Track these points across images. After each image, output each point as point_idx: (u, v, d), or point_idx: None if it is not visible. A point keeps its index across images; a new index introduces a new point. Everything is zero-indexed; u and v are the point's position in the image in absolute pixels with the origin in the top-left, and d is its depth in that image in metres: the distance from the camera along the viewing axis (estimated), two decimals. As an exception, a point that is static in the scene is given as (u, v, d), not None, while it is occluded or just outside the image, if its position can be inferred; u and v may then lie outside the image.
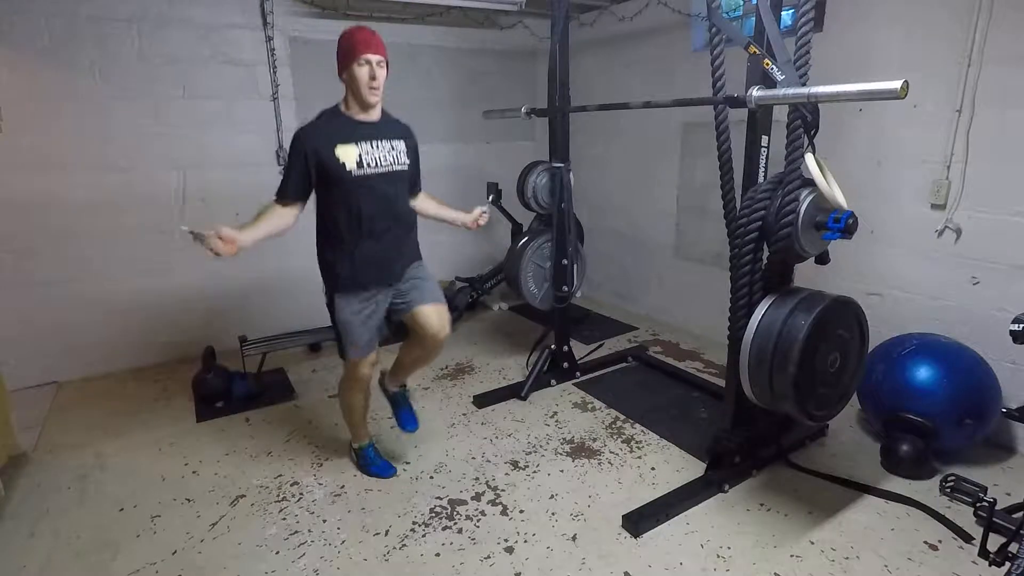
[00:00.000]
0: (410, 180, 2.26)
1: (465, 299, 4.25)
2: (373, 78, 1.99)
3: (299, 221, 2.12)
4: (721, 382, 2.99)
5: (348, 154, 2.02)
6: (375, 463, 2.45)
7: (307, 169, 2.02)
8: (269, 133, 3.66)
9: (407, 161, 2.18)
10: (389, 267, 2.20)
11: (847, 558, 1.94)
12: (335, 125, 2.06)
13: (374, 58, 1.98)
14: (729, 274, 2.17)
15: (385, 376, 2.54)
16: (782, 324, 1.96)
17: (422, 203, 2.40)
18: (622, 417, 2.89)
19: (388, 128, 2.15)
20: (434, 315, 2.22)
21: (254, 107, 3.59)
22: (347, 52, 1.99)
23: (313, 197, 2.13)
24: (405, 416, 2.50)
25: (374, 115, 2.10)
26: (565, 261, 3.13)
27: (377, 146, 2.09)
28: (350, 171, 2.02)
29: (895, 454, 2.35)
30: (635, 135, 4.22)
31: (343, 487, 2.37)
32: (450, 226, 2.52)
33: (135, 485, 2.40)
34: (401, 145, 2.16)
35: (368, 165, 2.06)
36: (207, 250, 1.84)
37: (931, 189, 2.61)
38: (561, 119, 3.02)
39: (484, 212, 2.48)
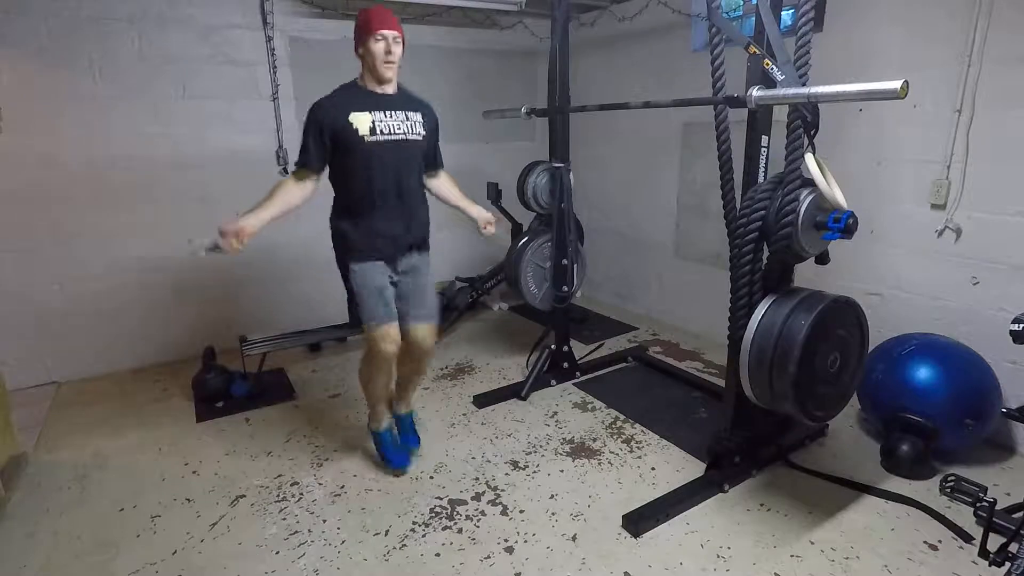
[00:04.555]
0: (427, 154, 2.29)
1: (465, 299, 4.24)
2: (388, 52, 2.04)
3: (300, 212, 2.14)
4: (721, 382, 2.98)
5: (362, 120, 2.07)
6: (391, 451, 2.47)
7: (323, 138, 2.07)
8: (269, 133, 3.66)
9: (422, 132, 2.21)
10: (400, 237, 2.22)
11: (847, 558, 1.94)
12: (351, 95, 2.12)
13: (390, 34, 2.03)
14: (729, 274, 2.17)
15: (391, 399, 2.56)
16: (782, 324, 1.96)
17: (443, 184, 2.43)
18: (622, 417, 2.89)
19: (404, 101, 2.19)
20: (421, 329, 2.29)
21: (254, 107, 3.59)
22: (364, 28, 2.04)
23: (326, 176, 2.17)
24: (408, 438, 2.55)
25: (389, 89, 2.15)
26: (565, 261, 3.13)
27: (391, 115, 2.13)
28: (363, 136, 2.06)
29: (895, 454, 2.35)
30: (635, 135, 4.22)
31: (343, 487, 2.37)
32: (453, 223, 2.54)
33: (135, 485, 2.40)
34: (417, 116, 2.20)
35: (381, 132, 2.09)
36: (225, 252, 1.89)
37: (931, 189, 2.61)
38: (561, 119, 3.02)
39: (493, 224, 2.49)
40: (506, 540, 2.06)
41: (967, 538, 1.98)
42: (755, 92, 1.94)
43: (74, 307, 3.33)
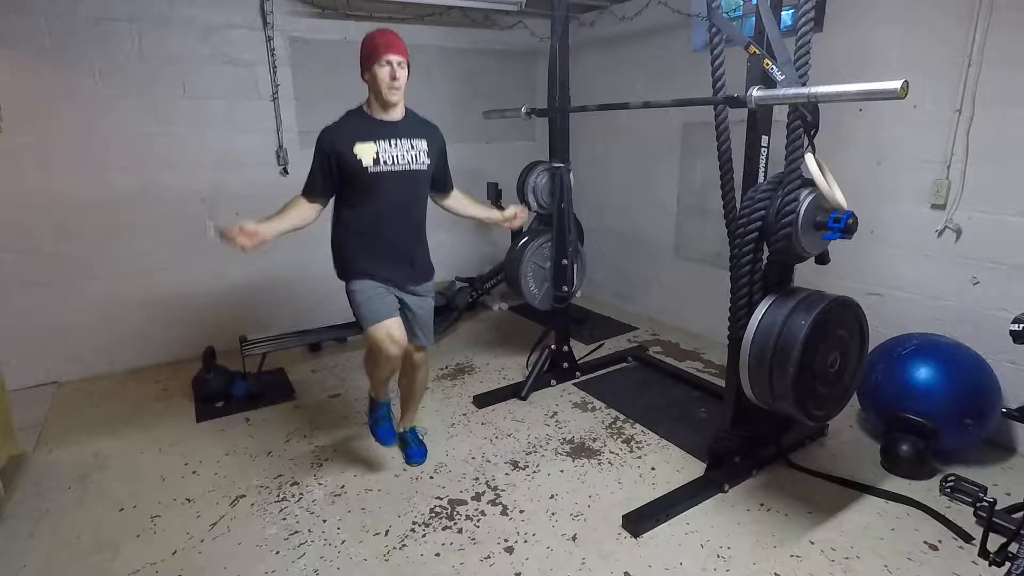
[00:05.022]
0: (435, 179, 2.28)
1: (465, 299, 4.24)
2: (394, 78, 2.03)
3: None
4: (721, 382, 2.99)
5: (366, 151, 2.06)
6: (382, 423, 2.45)
7: (329, 167, 2.07)
8: (269, 133, 3.66)
9: (427, 161, 2.19)
10: (402, 267, 2.22)
11: (847, 558, 1.94)
12: (356, 124, 2.11)
13: (395, 59, 2.02)
14: (729, 274, 2.17)
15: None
16: (782, 324, 1.96)
17: (457, 202, 2.43)
18: (622, 417, 2.89)
19: (410, 127, 2.17)
20: (411, 348, 2.29)
21: (254, 107, 3.59)
22: (369, 54, 2.03)
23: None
24: (412, 452, 2.53)
25: (396, 114, 2.14)
26: (565, 261, 3.13)
27: (396, 144, 2.11)
28: (366, 167, 2.06)
29: (895, 454, 2.35)
30: (635, 135, 4.22)
31: (343, 487, 2.37)
32: (453, 224, 2.54)
33: (135, 485, 2.40)
34: (423, 144, 2.18)
35: (385, 163, 2.09)
36: (234, 246, 1.89)
37: (931, 189, 2.61)
38: (561, 119, 3.02)
39: (519, 211, 2.49)
40: (506, 540, 2.06)
41: (967, 538, 1.98)
42: (755, 92, 1.94)
43: (74, 307, 3.33)
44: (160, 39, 3.27)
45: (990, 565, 1.65)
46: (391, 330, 2.15)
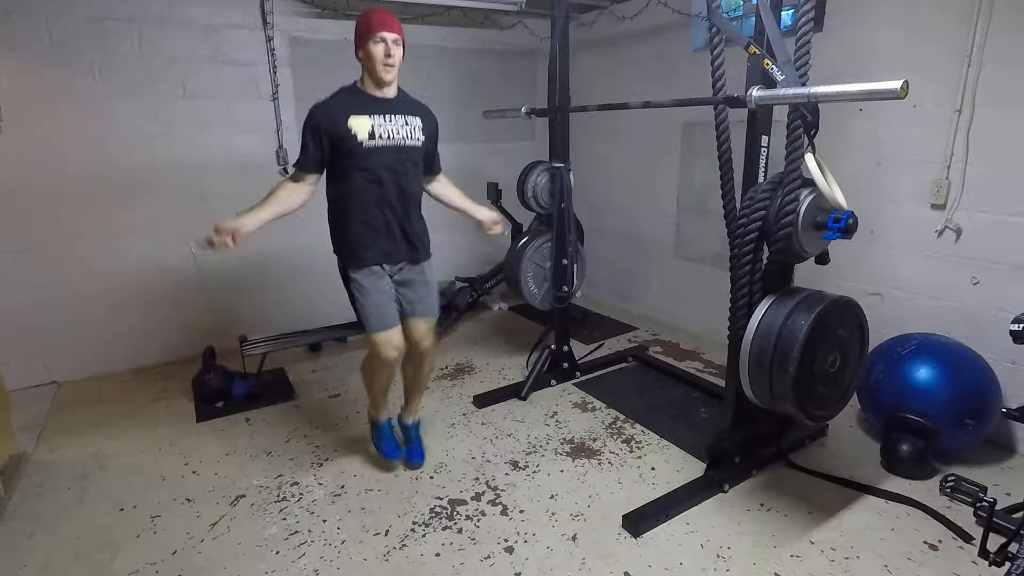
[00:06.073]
0: (425, 158, 2.28)
1: (465, 299, 4.24)
2: (388, 55, 2.03)
3: (305, 211, 2.15)
4: (721, 382, 2.99)
5: (360, 125, 2.06)
6: (386, 440, 2.46)
7: (321, 141, 2.07)
8: (269, 133, 3.66)
9: (421, 137, 2.20)
10: (400, 244, 2.21)
11: (847, 558, 1.94)
12: (350, 99, 2.11)
13: (389, 36, 2.02)
14: (729, 274, 2.17)
15: (401, 409, 2.57)
16: (782, 324, 1.96)
17: (443, 188, 2.44)
18: (622, 417, 2.89)
19: (404, 105, 2.19)
20: (421, 326, 2.29)
21: (254, 107, 3.59)
22: (363, 31, 2.03)
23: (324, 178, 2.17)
24: (413, 450, 2.52)
25: (389, 92, 2.14)
26: (565, 261, 3.13)
27: (390, 119, 2.12)
28: (361, 142, 2.06)
29: (895, 454, 2.35)
30: (635, 135, 4.22)
31: (343, 487, 2.37)
32: (453, 225, 2.53)
33: (135, 485, 2.40)
34: (417, 122, 2.19)
35: (380, 137, 2.09)
36: (218, 249, 1.91)
37: (931, 189, 2.61)
38: (561, 119, 3.02)
39: (500, 224, 2.51)
40: (506, 540, 2.06)
41: (967, 538, 1.98)
42: (755, 92, 1.94)
43: (74, 307, 3.32)
44: (160, 39, 3.27)
45: (990, 565, 1.65)
46: (392, 336, 2.21)
